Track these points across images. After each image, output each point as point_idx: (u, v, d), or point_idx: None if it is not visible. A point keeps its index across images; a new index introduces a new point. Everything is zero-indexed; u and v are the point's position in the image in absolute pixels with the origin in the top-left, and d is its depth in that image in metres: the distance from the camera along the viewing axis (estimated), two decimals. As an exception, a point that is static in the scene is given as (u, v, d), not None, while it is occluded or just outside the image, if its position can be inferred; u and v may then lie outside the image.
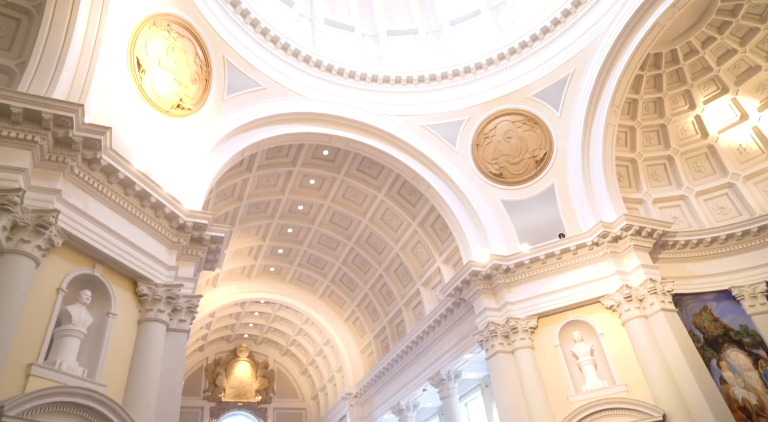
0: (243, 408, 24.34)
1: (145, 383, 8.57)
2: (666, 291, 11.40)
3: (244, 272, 20.17)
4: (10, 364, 6.71)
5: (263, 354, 25.66)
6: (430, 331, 16.01)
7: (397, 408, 17.94)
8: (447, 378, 15.29)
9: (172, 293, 9.51)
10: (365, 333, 21.05)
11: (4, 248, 7.03)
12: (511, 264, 12.85)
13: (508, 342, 12.35)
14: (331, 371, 23.08)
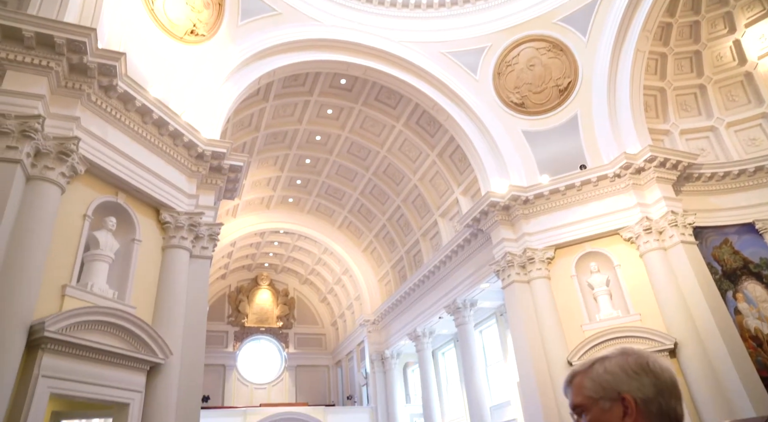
0: (265, 333, 25.44)
1: (171, 306, 8.93)
2: (687, 224, 11.29)
3: (263, 203, 20.42)
4: (46, 285, 7.02)
5: (283, 283, 26.47)
6: (447, 261, 16.25)
7: (413, 334, 18.57)
8: (463, 306, 15.67)
9: (193, 221, 9.70)
10: (383, 263, 21.48)
11: (30, 174, 7.15)
12: (530, 195, 12.78)
13: (524, 272, 12.50)
14: (350, 299, 23.80)
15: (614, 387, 1.15)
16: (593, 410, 1.17)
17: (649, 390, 1.13)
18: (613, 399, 1.14)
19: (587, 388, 1.18)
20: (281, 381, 24.69)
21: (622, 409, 1.13)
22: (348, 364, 24.09)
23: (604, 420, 1.15)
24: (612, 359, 1.19)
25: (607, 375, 1.16)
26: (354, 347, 23.22)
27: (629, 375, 1.14)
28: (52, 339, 6.67)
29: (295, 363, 25.15)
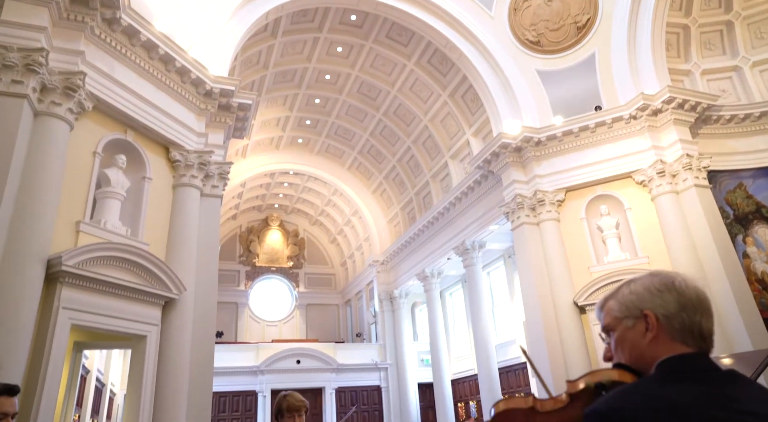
0: (276, 273, 25.99)
1: (184, 243, 9.08)
2: (702, 167, 11.11)
3: (272, 144, 20.32)
4: (60, 221, 7.13)
5: (293, 223, 26.75)
6: (457, 203, 16.26)
7: (421, 274, 18.89)
8: (471, 248, 15.81)
9: (203, 160, 9.68)
10: (392, 205, 21.55)
11: (37, 110, 7.09)
12: (543, 137, 12.57)
13: (534, 214, 12.50)
14: (359, 240, 24.09)
15: (637, 305, 1.17)
16: (618, 329, 1.21)
17: (672, 306, 1.13)
18: (636, 316, 1.17)
19: (614, 309, 1.22)
20: (292, 318, 25.45)
21: (645, 325, 1.15)
22: (357, 303, 24.71)
23: (628, 336, 1.18)
24: (638, 281, 1.22)
25: (632, 296, 1.19)
26: (363, 287, 23.72)
27: (652, 294, 1.16)
28: (70, 273, 6.84)
29: (305, 301, 25.82)
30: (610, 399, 1.04)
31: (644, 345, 1.15)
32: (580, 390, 1.17)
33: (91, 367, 10.48)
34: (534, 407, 1.20)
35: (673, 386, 1.04)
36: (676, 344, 1.12)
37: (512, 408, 1.22)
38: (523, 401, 1.22)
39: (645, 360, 1.14)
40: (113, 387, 12.24)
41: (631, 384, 1.11)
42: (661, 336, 1.13)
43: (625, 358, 1.18)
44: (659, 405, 0.99)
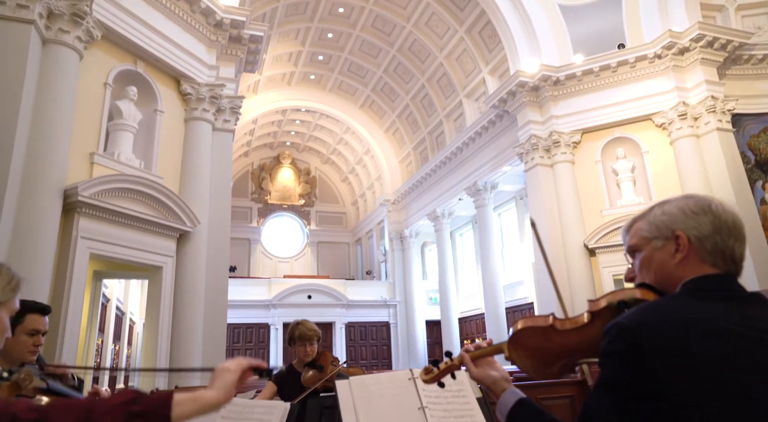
0: (288, 210, 26.22)
1: (197, 178, 9.12)
2: (726, 110, 10.77)
3: (284, 80, 19.92)
4: (75, 153, 7.15)
5: (305, 162, 26.69)
6: (470, 143, 16.05)
7: (432, 214, 18.96)
8: (483, 188, 15.74)
9: (215, 93, 9.55)
10: (405, 144, 21.34)
11: (45, 37, 6.94)
12: (562, 76, 12.17)
13: (548, 155, 12.32)
14: (370, 179, 24.06)
15: (669, 226, 1.13)
16: (646, 249, 1.17)
17: (706, 228, 1.10)
18: (666, 237, 1.13)
19: (643, 229, 1.18)
20: (303, 255, 25.90)
21: (675, 246, 1.11)
22: (367, 242, 25.02)
23: (656, 257, 1.14)
24: (672, 202, 1.17)
25: (664, 216, 1.15)
26: (374, 225, 23.93)
27: (687, 215, 1.12)
28: (86, 204, 6.93)
29: (316, 239, 26.18)
30: (633, 314, 1.03)
31: (672, 266, 1.12)
32: (602, 309, 1.14)
33: (111, 296, 10.84)
34: (553, 325, 1.19)
35: (697, 303, 1.02)
36: (705, 266, 1.09)
37: (531, 327, 1.21)
38: (543, 319, 1.21)
39: (671, 280, 1.11)
40: (132, 316, 12.69)
41: (655, 300, 1.09)
42: (690, 257, 1.10)
43: (650, 278, 1.16)
44: (683, 320, 0.98)
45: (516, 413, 1.19)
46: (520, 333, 1.22)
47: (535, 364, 1.21)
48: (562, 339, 1.17)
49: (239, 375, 1.16)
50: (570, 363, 1.20)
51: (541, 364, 1.21)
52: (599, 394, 1.01)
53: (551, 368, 1.21)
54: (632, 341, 0.97)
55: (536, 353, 1.20)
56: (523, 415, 1.18)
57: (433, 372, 1.35)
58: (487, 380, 1.29)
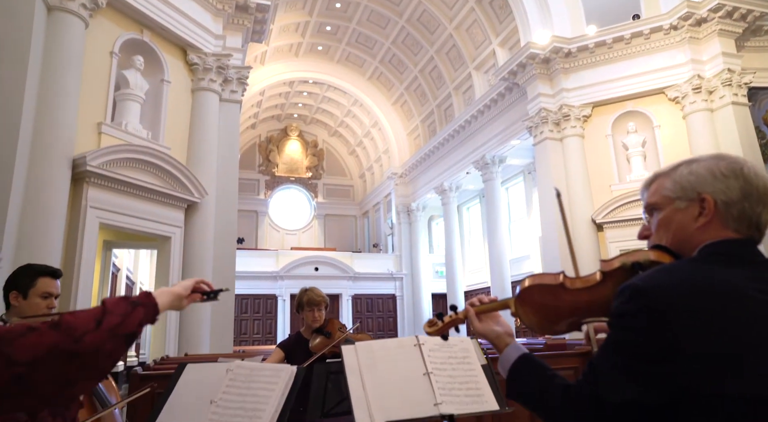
0: (295, 183, 26.24)
1: (204, 148, 9.11)
2: (743, 84, 10.54)
3: (291, 51, 19.69)
4: (82, 121, 7.14)
5: (313, 134, 26.58)
6: (479, 116, 15.89)
7: (440, 188, 18.92)
8: (491, 162, 15.65)
9: (221, 64, 9.46)
10: (413, 117, 21.16)
11: (50, 4, 6.87)
12: (574, 48, 11.94)
13: (558, 129, 12.18)
14: (378, 152, 23.96)
15: (696, 187, 1.08)
16: (667, 208, 1.12)
17: (735, 193, 1.05)
18: (690, 199, 1.08)
19: (666, 188, 1.13)
20: (311, 228, 26.02)
21: (699, 209, 1.07)
22: (375, 215, 25.06)
23: (676, 218, 1.10)
24: (701, 161, 1.11)
25: (691, 176, 1.09)
26: (381, 199, 23.94)
27: (716, 177, 1.06)
28: (95, 174, 6.96)
29: (323, 212, 26.25)
30: (648, 276, 1.00)
31: (692, 229, 1.08)
32: (615, 269, 1.12)
33: (121, 266, 10.99)
34: (563, 284, 1.16)
35: (715, 267, 0.99)
36: (726, 231, 1.05)
37: (541, 284, 1.19)
38: (553, 277, 1.18)
39: (689, 243, 1.08)
40: (142, 285, 12.88)
41: (671, 263, 1.06)
42: (714, 221, 1.06)
43: (667, 240, 1.12)
44: (699, 283, 0.96)
45: (518, 368, 1.18)
46: (528, 290, 1.20)
47: (542, 321, 1.20)
48: (572, 298, 1.15)
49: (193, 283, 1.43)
50: (576, 321, 1.18)
51: (548, 321, 1.20)
52: (607, 354, 0.99)
53: (557, 325, 1.20)
54: (646, 303, 0.95)
55: (543, 310, 1.18)
56: (525, 370, 1.16)
57: (437, 325, 1.35)
58: (490, 334, 1.28)
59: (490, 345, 1.29)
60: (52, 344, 0.98)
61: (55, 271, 2.45)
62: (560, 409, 1.03)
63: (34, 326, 1.00)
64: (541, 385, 1.10)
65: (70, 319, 1.04)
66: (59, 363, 0.99)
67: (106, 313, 1.10)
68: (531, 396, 1.12)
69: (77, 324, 1.03)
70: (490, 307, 1.30)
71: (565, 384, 1.06)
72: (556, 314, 1.18)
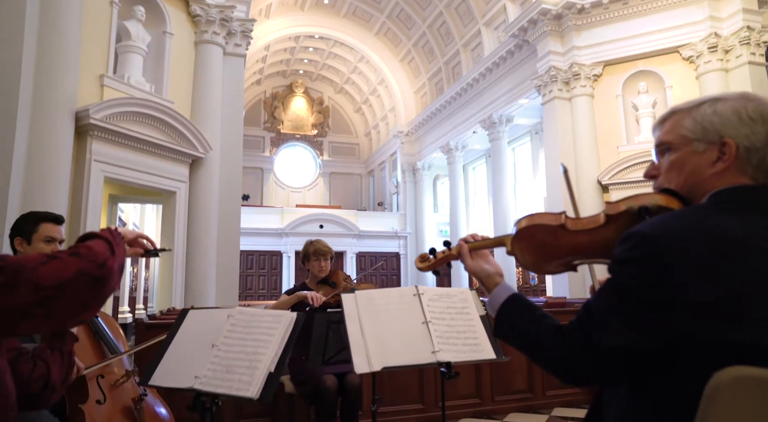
0: (300, 140, 26.10)
1: (208, 103, 9.01)
2: (762, 42, 10.23)
3: (296, 4, 19.20)
4: (84, 74, 7.03)
5: (318, 91, 26.23)
6: (487, 74, 15.58)
7: (446, 147, 18.77)
8: (498, 121, 15.45)
9: (225, 16, 9.25)
10: (420, 74, 20.78)
11: (47, -50, 6.66)
12: (587, 3, 11.57)
13: (567, 88, 11.95)
14: (384, 110, 23.68)
15: (718, 130, 1.01)
16: (682, 150, 1.05)
17: (760, 139, 0.98)
18: (711, 142, 1.01)
19: (685, 127, 1.05)
20: (316, 186, 26.04)
21: (718, 154, 1.00)
22: (380, 174, 25.01)
23: (691, 161, 1.03)
24: (728, 101, 1.02)
25: (715, 117, 1.02)
26: (386, 157, 23.83)
27: (742, 120, 0.99)
28: (98, 127, 6.92)
29: (329, 170, 26.21)
30: (655, 222, 0.96)
31: (707, 175, 1.02)
32: (621, 212, 1.07)
33: (127, 220, 11.09)
34: (564, 225, 1.12)
35: (727, 215, 0.95)
36: (743, 178, 1.00)
37: (541, 224, 1.15)
38: (555, 217, 1.14)
39: (701, 189, 1.02)
40: (148, 240, 13.03)
41: (680, 209, 1.01)
42: (731, 167, 1.00)
43: (678, 183, 1.06)
44: (707, 232, 0.92)
45: (508, 308, 1.16)
46: (527, 230, 1.17)
47: (537, 261, 1.18)
48: (571, 239, 1.11)
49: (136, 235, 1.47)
50: (572, 262, 1.16)
51: (543, 261, 1.17)
52: (606, 298, 0.97)
53: (552, 265, 1.17)
54: (652, 250, 0.91)
55: (540, 250, 1.15)
56: (514, 310, 1.14)
57: (429, 260, 1.33)
58: (481, 273, 1.26)
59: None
60: (78, 269, 1.04)
61: (56, 217, 2.48)
62: (550, 350, 1.02)
63: (54, 254, 1.04)
64: (531, 325, 1.08)
65: (90, 246, 1.11)
66: (84, 287, 1.05)
67: (113, 243, 1.16)
68: (520, 336, 1.11)
69: (98, 251, 1.10)
70: (484, 244, 1.28)
71: (555, 324, 1.04)
72: (553, 254, 1.15)
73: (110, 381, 2.14)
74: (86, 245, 1.11)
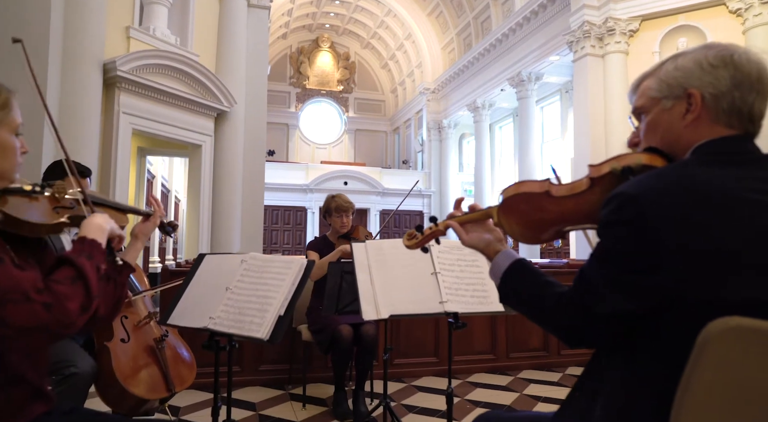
0: (326, 96, 25.90)
1: (232, 57, 8.98)
2: (816, -7, 9.61)
3: (323, -47, 18.68)
4: (110, 26, 7.05)
5: (344, 46, 25.81)
6: (518, 29, 15.07)
7: (472, 105, 18.43)
8: (527, 79, 15.04)
9: (249, -35, 9.10)
10: (448, 29, 20.21)
11: None
12: (627, -47, 10.98)
13: (600, 44, 11.50)
14: (411, 66, 23.24)
15: (681, 83, 1.01)
16: (653, 110, 1.05)
17: (724, 83, 0.97)
18: (677, 96, 1.02)
19: (651, 88, 1.05)
20: (341, 142, 26.00)
21: (686, 106, 1.00)
22: (405, 131, 24.79)
23: (663, 120, 1.04)
24: (688, 54, 1.02)
25: (677, 72, 1.02)
26: (412, 115, 23.55)
27: (703, 69, 0.99)
28: (125, 79, 6.99)
29: (354, 126, 26.06)
30: (637, 182, 0.95)
31: (680, 128, 1.01)
32: (604, 175, 1.05)
33: (156, 173, 11.31)
34: (549, 192, 1.10)
35: (709, 168, 0.94)
36: (718, 126, 0.99)
37: (525, 193, 1.13)
38: (538, 185, 1.12)
39: (680, 144, 1.02)
40: (178, 193, 13.30)
41: (663, 167, 1.00)
42: (703, 117, 0.99)
43: (656, 142, 1.06)
44: (689, 188, 0.91)
45: (511, 274, 1.15)
46: (512, 199, 1.14)
47: (525, 231, 1.16)
48: (557, 206, 1.09)
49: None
50: (561, 230, 1.13)
51: (531, 231, 1.15)
52: (596, 264, 0.96)
53: (541, 235, 1.15)
54: (635, 211, 0.90)
55: (527, 219, 1.13)
56: (518, 276, 1.13)
57: (417, 238, 1.32)
58: (479, 244, 1.24)
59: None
60: (43, 324, 1.00)
61: (83, 170, 2.56)
62: (553, 316, 1.03)
63: (30, 296, 0.99)
64: (535, 291, 1.08)
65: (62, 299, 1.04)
66: (42, 337, 1.03)
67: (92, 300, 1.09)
68: (524, 302, 1.11)
69: (70, 310, 1.03)
70: (471, 217, 1.25)
71: (558, 291, 1.05)
72: (541, 223, 1.13)
73: (133, 321, 2.26)
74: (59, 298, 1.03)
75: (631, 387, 0.97)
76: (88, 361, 2.09)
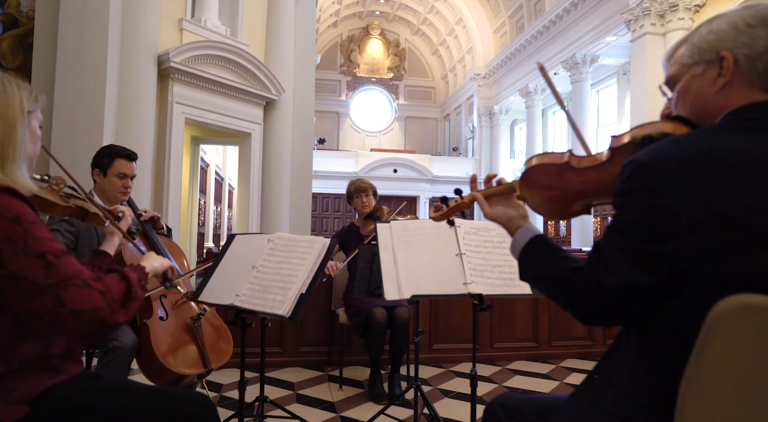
0: (376, 84, 25.91)
1: (280, 46, 9.10)
2: None
3: (372, -61, 18.59)
4: (165, 18, 7.32)
5: (394, 33, 25.69)
6: (572, 9, 14.52)
7: (524, 90, 17.96)
8: (582, 62, 14.49)
9: (296, -46, 9.17)
10: (499, 12, 19.72)
11: None
12: (692, -76, 10.32)
13: (662, 22, 10.91)
14: (461, 51, 22.86)
15: (714, 46, 0.93)
16: (684, 78, 0.98)
17: (761, 44, 0.89)
18: (708, 61, 0.94)
19: (684, 55, 0.98)
20: (391, 130, 25.99)
21: (717, 70, 0.92)
22: (456, 118, 24.49)
23: (694, 86, 0.97)
24: (725, 16, 0.94)
25: (710, 35, 0.94)
26: (463, 101, 23.22)
27: (739, 30, 0.91)
28: (178, 70, 7.24)
29: (404, 114, 25.98)
30: (652, 150, 0.89)
31: (711, 94, 0.94)
32: (624, 144, 1.01)
33: (209, 162, 11.71)
34: (569, 163, 1.07)
35: (735, 135, 0.87)
36: (753, 91, 0.91)
37: (545, 163, 1.11)
38: (559, 156, 1.10)
39: (710, 111, 0.95)
40: (231, 181, 13.73)
41: (683, 134, 0.94)
42: (735, 81, 0.91)
43: (686, 110, 0.99)
44: (708, 154, 0.85)
45: (530, 249, 1.13)
46: (532, 171, 1.13)
47: (548, 205, 1.13)
48: (579, 178, 1.06)
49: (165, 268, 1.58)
50: (586, 205, 1.11)
51: (555, 205, 1.13)
52: (610, 235, 0.94)
53: (565, 209, 1.13)
54: (647, 179, 0.86)
55: (549, 193, 1.11)
56: (536, 252, 1.11)
57: (442, 210, 1.34)
58: (501, 218, 1.23)
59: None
60: (96, 307, 1.09)
61: (130, 153, 2.69)
62: (568, 292, 1.00)
63: (89, 282, 1.10)
64: (552, 267, 1.06)
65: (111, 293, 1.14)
66: (90, 323, 1.10)
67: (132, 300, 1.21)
68: (542, 278, 1.08)
69: (116, 299, 1.15)
70: (495, 190, 1.24)
71: (575, 266, 1.02)
72: (564, 196, 1.10)
73: (172, 300, 2.37)
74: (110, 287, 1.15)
75: (640, 370, 0.95)
76: (130, 336, 2.21)
